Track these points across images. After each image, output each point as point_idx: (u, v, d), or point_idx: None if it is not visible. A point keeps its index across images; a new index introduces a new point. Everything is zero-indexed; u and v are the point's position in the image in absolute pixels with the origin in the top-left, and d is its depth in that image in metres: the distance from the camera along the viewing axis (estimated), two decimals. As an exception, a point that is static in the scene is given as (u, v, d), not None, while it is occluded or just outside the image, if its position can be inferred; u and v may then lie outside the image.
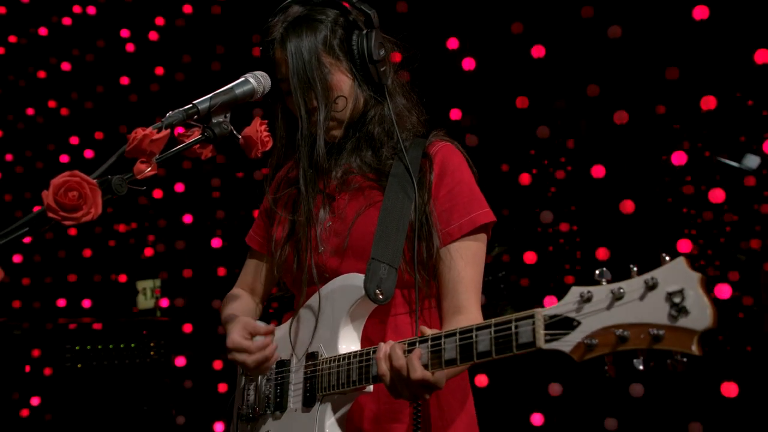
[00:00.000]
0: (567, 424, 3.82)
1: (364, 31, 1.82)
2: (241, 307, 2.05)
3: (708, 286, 1.11)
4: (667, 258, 1.13)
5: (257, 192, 2.00)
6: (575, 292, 1.24)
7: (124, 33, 5.28)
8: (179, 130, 1.40)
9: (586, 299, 1.22)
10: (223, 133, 1.46)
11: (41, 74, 5.53)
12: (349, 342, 1.73)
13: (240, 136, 1.50)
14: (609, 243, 3.62)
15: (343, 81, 1.81)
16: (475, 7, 4.00)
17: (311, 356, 1.76)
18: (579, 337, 1.22)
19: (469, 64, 3.91)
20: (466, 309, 1.73)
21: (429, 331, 1.51)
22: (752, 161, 4.55)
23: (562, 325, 1.25)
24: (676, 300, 1.10)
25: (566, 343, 1.24)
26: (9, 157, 5.63)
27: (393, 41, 1.91)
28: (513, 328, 1.34)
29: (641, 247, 3.83)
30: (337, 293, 1.76)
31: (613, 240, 3.66)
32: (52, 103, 5.53)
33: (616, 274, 1.23)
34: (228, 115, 1.49)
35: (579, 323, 1.22)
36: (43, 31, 5.46)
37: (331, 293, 1.78)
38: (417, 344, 1.50)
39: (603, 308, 1.19)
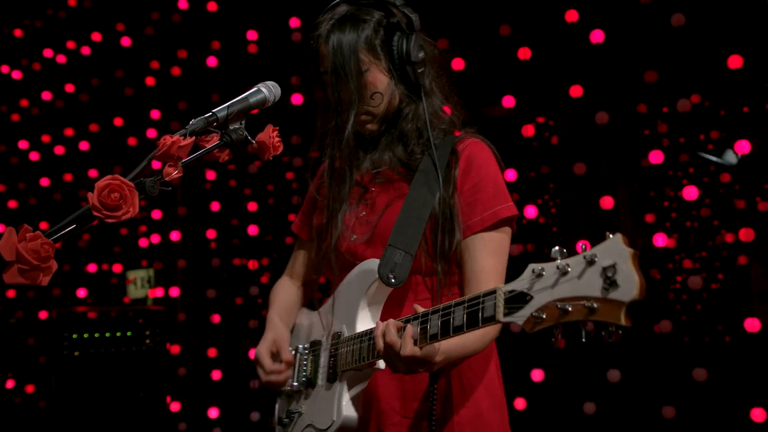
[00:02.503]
0: (548, 408, 3.99)
1: (405, 34, 1.93)
2: (285, 302, 2.22)
3: (640, 262, 1.16)
4: (611, 236, 1.20)
5: (251, 185, 2.12)
6: (530, 268, 1.33)
7: (120, 26, 5.36)
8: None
9: (538, 275, 1.30)
10: (239, 138, 1.60)
11: (36, 66, 5.58)
12: (365, 323, 1.87)
13: (254, 141, 1.64)
14: (588, 237, 3.78)
15: (380, 79, 1.93)
16: (464, 9, 4.13)
17: (335, 336, 1.92)
18: (530, 310, 1.30)
19: (458, 64, 4.06)
20: None
21: (420, 309, 1.62)
22: (732, 157, 4.70)
23: (519, 299, 1.34)
24: (609, 274, 1.17)
25: (520, 317, 1.33)
26: (2, 147, 5.69)
27: (434, 43, 2.03)
28: (480, 303, 1.45)
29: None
30: (356, 277, 1.91)
31: (593, 234, 3.82)
32: (47, 95, 5.59)
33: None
34: (243, 121, 1.62)
35: (531, 297, 1.31)
36: (38, 23, 5.50)
37: (352, 278, 1.93)
38: (410, 322, 1.62)
39: (551, 284, 1.27)
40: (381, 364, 1.76)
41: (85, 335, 4.70)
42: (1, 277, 1.11)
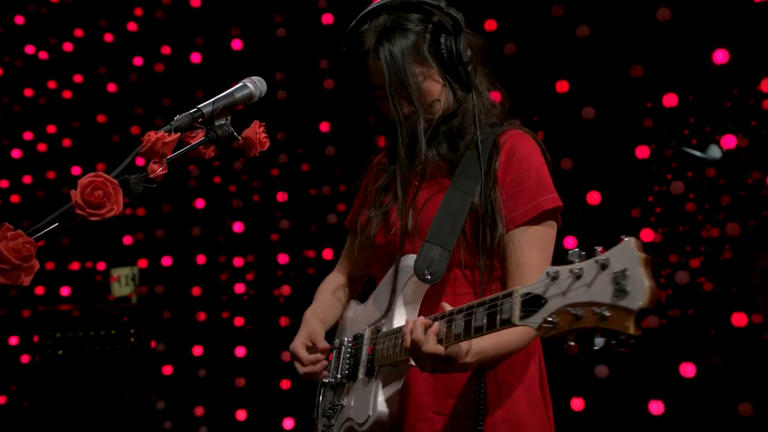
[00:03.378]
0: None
1: (452, 35, 1.90)
2: (326, 299, 2.22)
3: (653, 267, 1.13)
4: (625, 239, 1.16)
5: (236, 182, 2.09)
6: (545, 271, 1.30)
7: (102, 23, 5.32)
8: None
9: (553, 278, 1.27)
10: (225, 135, 1.57)
11: (18, 63, 5.53)
12: (402, 319, 1.86)
13: (240, 137, 1.62)
14: (576, 232, 3.79)
15: (434, 86, 1.90)
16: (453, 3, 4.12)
17: (375, 331, 1.92)
18: (544, 315, 1.27)
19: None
20: None
21: (448, 308, 1.59)
22: (716, 152, 4.73)
23: (534, 302, 1.31)
24: (620, 280, 1.14)
25: (534, 321, 1.30)
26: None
27: (476, 34, 2.01)
28: (499, 305, 1.42)
29: (607, 236, 3.99)
30: (394, 273, 1.91)
31: (580, 229, 3.82)
32: (28, 92, 5.54)
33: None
34: (229, 117, 1.60)
35: (546, 301, 1.28)
36: (19, 19, 5.45)
37: (391, 274, 1.93)
38: (438, 319, 1.60)
39: (564, 288, 1.24)
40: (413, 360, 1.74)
41: (69, 334, 4.67)
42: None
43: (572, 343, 1.25)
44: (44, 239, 1.18)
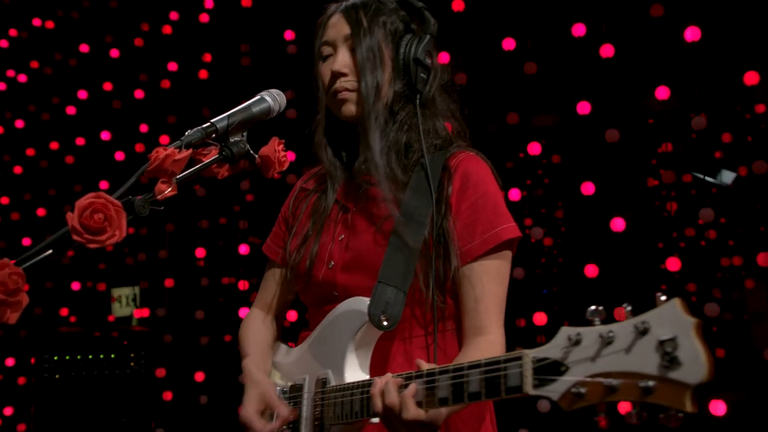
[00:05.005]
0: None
1: (420, 34, 1.79)
2: (259, 344, 1.96)
3: (703, 333, 1.00)
4: (662, 298, 1.03)
5: (241, 200, 1.96)
6: (564, 333, 1.15)
7: (108, 38, 5.24)
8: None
9: (575, 342, 1.12)
10: (240, 152, 1.43)
11: (22, 78, 5.46)
12: (354, 370, 1.67)
13: (257, 156, 1.47)
14: (598, 260, 3.64)
15: (386, 63, 1.77)
16: (467, 23, 4.02)
17: (321, 383, 1.71)
18: (566, 385, 1.12)
19: (460, 79, 3.92)
20: (487, 329, 1.65)
21: (425, 366, 1.43)
22: (727, 177, 4.61)
23: (551, 369, 1.15)
24: (668, 349, 1.00)
25: (554, 391, 1.14)
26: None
27: (446, 65, 1.88)
28: (502, 369, 1.25)
29: (630, 265, 3.85)
30: (342, 318, 1.70)
31: (602, 257, 3.67)
32: (31, 107, 5.47)
33: (605, 295, 1.15)
34: (245, 133, 1.46)
35: (567, 369, 1.13)
36: (24, 34, 5.39)
37: (337, 318, 1.71)
38: (413, 379, 1.43)
39: (591, 354, 1.10)
40: (375, 419, 1.55)
41: (67, 357, 4.56)
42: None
43: (602, 416, 1.10)
44: (35, 268, 1.03)
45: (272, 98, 1.53)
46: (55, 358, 4.56)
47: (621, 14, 3.90)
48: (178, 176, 1.28)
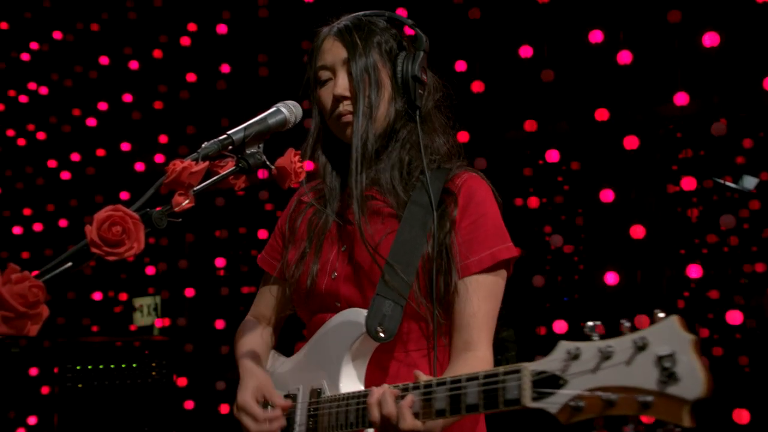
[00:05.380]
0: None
1: (413, 51, 1.80)
2: (256, 346, 1.95)
3: (701, 349, 1.02)
4: (661, 315, 1.05)
5: (260, 211, 1.96)
6: (563, 347, 1.16)
7: (128, 50, 5.29)
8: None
9: (574, 356, 1.13)
10: (257, 164, 1.43)
11: (43, 90, 5.53)
12: (350, 381, 1.66)
13: (273, 167, 1.48)
14: (618, 267, 3.61)
15: (385, 83, 1.78)
16: (484, 31, 4.01)
17: (315, 393, 1.71)
18: (565, 398, 1.13)
19: (477, 87, 3.92)
20: (476, 346, 1.66)
21: (423, 377, 1.44)
22: (750, 182, 4.57)
23: (549, 383, 1.17)
24: (666, 364, 1.02)
25: (552, 404, 1.15)
26: (8, 172, 5.64)
27: (434, 75, 1.87)
28: (500, 382, 1.26)
29: (651, 272, 3.82)
30: (339, 329, 1.70)
31: (622, 264, 3.65)
32: (53, 119, 5.54)
33: (627, 301, 1.16)
34: (261, 145, 1.46)
35: (566, 382, 1.14)
36: (45, 47, 5.46)
37: (334, 328, 1.72)
38: (410, 390, 1.43)
39: (590, 368, 1.11)
40: (369, 430, 1.55)
41: (89, 366, 4.59)
42: None
43: (598, 430, 1.12)
44: (56, 280, 1.04)
45: (288, 110, 1.54)
46: (78, 367, 4.58)
47: (638, 20, 3.88)
48: (195, 188, 1.29)
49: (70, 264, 1.10)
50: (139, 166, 5.21)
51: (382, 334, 1.61)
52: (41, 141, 5.56)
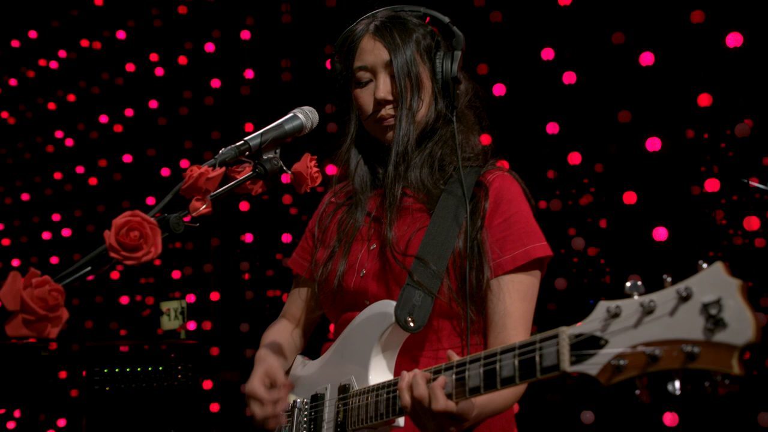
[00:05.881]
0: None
1: (451, 50, 1.81)
2: (278, 341, 1.95)
3: (749, 295, 0.96)
4: (704, 265, 1.00)
5: (285, 215, 1.97)
6: (602, 306, 1.10)
7: (153, 57, 5.36)
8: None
9: (614, 314, 1.08)
10: (273, 169, 1.45)
11: (71, 98, 5.61)
12: (379, 373, 1.62)
13: (290, 172, 1.50)
14: (640, 270, 3.59)
15: (427, 84, 1.79)
16: (505, 34, 4.01)
17: (343, 389, 1.68)
18: (606, 357, 1.08)
19: (499, 90, 3.92)
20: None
21: (455, 357, 1.39)
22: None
23: (589, 344, 1.11)
24: (713, 311, 0.96)
25: (593, 366, 1.09)
26: (37, 179, 5.73)
27: (465, 74, 1.88)
28: (537, 349, 1.20)
29: (674, 273, 3.77)
30: (367, 322, 1.68)
31: (645, 267, 3.62)
32: (81, 126, 5.62)
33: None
34: (278, 150, 1.48)
35: (606, 342, 1.08)
36: (73, 55, 5.54)
37: (363, 321, 1.69)
38: (442, 372, 1.38)
39: (632, 324, 1.05)
40: (400, 421, 1.51)
41: (116, 369, 4.64)
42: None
43: (641, 390, 1.06)
44: (75, 285, 1.07)
45: (305, 115, 1.56)
46: (105, 370, 4.64)
47: (661, 21, 3.86)
48: (212, 193, 1.31)
49: (89, 269, 1.12)
50: (165, 171, 5.27)
51: (411, 324, 1.59)
52: (69, 147, 5.64)
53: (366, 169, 1.87)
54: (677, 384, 1.02)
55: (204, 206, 1.28)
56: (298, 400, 1.80)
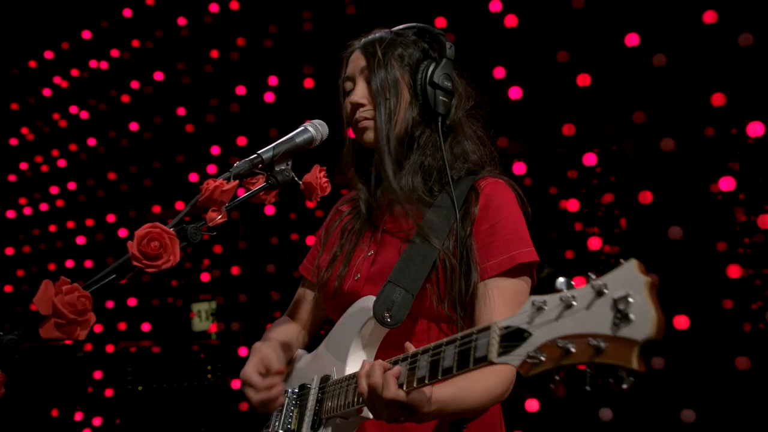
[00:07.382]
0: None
1: (435, 59, 1.86)
2: (280, 333, 2.01)
3: (657, 292, 0.98)
4: (622, 262, 1.02)
5: (310, 218, 2.05)
6: (530, 301, 1.13)
7: (180, 66, 5.49)
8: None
9: (539, 308, 1.11)
10: (285, 180, 1.56)
11: (102, 106, 5.75)
12: (357, 365, 1.66)
13: (301, 182, 1.60)
14: (657, 269, 3.62)
15: (403, 92, 1.83)
16: (521, 37, 4.07)
17: (324, 380, 1.76)
18: (527, 350, 1.10)
19: (516, 93, 3.98)
20: None
21: (412, 348, 1.42)
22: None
23: (515, 336, 1.14)
24: (621, 307, 0.98)
25: (515, 357, 1.12)
26: (72, 185, 5.87)
27: (471, 84, 1.92)
28: (473, 341, 1.24)
29: (689, 273, 3.80)
30: (351, 316, 1.75)
31: (661, 266, 3.65)
32: (112, 134, 5.75)
33: (669, 303, 1.11)
34: (289, 162, 1.59)
35: (530, 335, 1.11)
36: (104, 65, 5.67)
37: (347, 316, 1.77)
38: (399, 362, 1.42)
39: (553, 318, 1.08)
40: (368, 411, 1.53)
41: (149, 369, 4.74)
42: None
43: (555, 383, 1.08)
44: (100, 291, 1.18)
45: (315, 128, 1.66)
46: (138, 371, 4.75)
47: (673, 22, 3.89)
48: (227, 204, 1.42)
49: (114, 276, 1.24)
50: (193, 177, 5.38)
51: (388, 319, 1.63)
52: (101, 154, 5.77)
53: (362, 178, 1.93)
54: (589, 379, 1.04)
55: (220, 216, 1.39)
56: (289, 390, 1.87)
